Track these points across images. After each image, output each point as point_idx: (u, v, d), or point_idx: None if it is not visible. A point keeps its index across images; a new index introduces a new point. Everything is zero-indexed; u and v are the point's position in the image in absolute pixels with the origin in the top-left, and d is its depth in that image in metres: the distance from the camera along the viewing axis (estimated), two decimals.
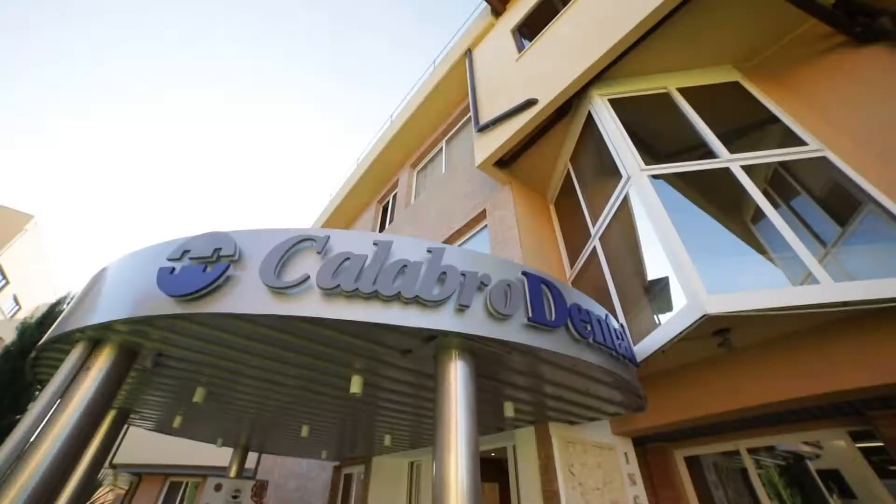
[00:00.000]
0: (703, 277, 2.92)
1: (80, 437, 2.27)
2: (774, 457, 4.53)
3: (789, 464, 4.42)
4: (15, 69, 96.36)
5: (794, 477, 4.30)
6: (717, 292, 2.84)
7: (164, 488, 12.39)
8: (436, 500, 1.84)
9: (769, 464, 4.55)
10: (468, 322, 2.06)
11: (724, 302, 2.78)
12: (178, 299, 2.04)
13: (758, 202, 3.35)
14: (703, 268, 3.00)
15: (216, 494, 5.29)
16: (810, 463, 4.29)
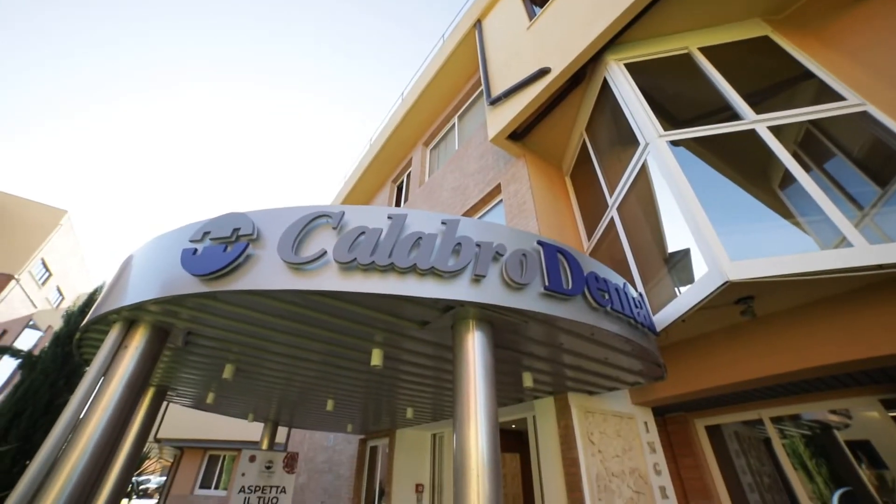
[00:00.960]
0: (726, 245, 2.83)
1: (124, 410, 2.42)
2: (799, 426, 4.47)
3: (815, 434, 4.35)
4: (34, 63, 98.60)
5: (821, 447, 4.23)
6: (739, 259, 2.76)
7: (203, 461, 13.39)
8: (457, 469, 1.90)
9: (794, 433, 4.49)
10: (484, 292, 2.07)
11: (747, 268, 2.70)
12: (202, 278, 2.11)
13: (787, 165, 3.19)
14: (725, 235, 2.91)
15: (251, 465, 5.60)
16: (838, 433, 4.22)
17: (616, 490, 3.65)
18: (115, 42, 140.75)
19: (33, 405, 6.55)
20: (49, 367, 7.31)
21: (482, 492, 1.82)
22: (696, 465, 5.01)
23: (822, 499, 4.02)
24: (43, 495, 2.03)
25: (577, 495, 3.38)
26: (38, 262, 21.62)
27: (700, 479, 4.93)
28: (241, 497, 5.40)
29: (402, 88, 10.66)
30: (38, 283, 22.12)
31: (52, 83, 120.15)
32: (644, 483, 4.00)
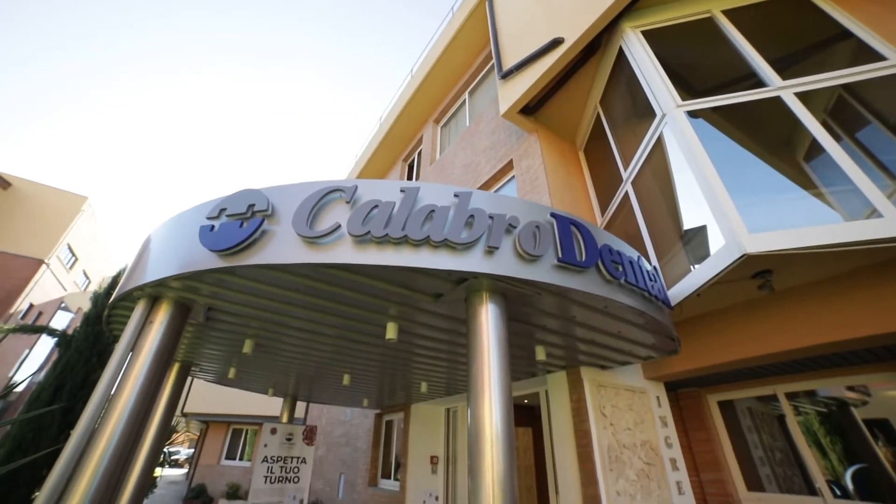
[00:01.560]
0: (744, 217, 2.75)
1: (152, 382, 2.53)
2: (815, 403, 4.44)
3: (831, 411, 4.33)
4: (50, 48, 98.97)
5: (836, 425, 4.20)
6: (758, 231, 2.69)
7: (228, 434, 14.09)
8: (471, 441, 1.95)
9: (809, 410, 4.46)
10: (497, 263, 2.08)
11: (767, 241, 2.63)
12: (220, 254, 2.16)
13: (814, 135, 3.03)
14: (744, 207, 2.83)
15: (272, 437, 5.85)
16: (856, 410, 4.18)
17: (627, 461, 3.71)
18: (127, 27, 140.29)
19: (71, 380, 7.01)
20: (82, 345, 7.77)
21: (496, 464, 1.87)
22: (707, 439, 5.05)
23: (834, 475, 4.02)
24: (86, 461, 2.17)
25: (588, 466, 3.45)
26: (65, 248, 22.37)
27: (711, 453, 4.98)
28: (265, 466, 5.66)
29: (411, 65, 10.41)
30: (66, 268, 22.96)
31: (63, 69, 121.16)
32: (655, 455, 4.05)
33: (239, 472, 12.99)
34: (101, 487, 2.15)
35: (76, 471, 2.15)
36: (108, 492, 2.19)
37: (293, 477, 5.78)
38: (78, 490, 2.09)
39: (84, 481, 2.12)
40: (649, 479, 3.82)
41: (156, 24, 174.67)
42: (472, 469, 1.90)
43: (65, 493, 2.09)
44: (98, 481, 2.14)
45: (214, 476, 13.16)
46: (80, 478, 2.12)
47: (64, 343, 8.18)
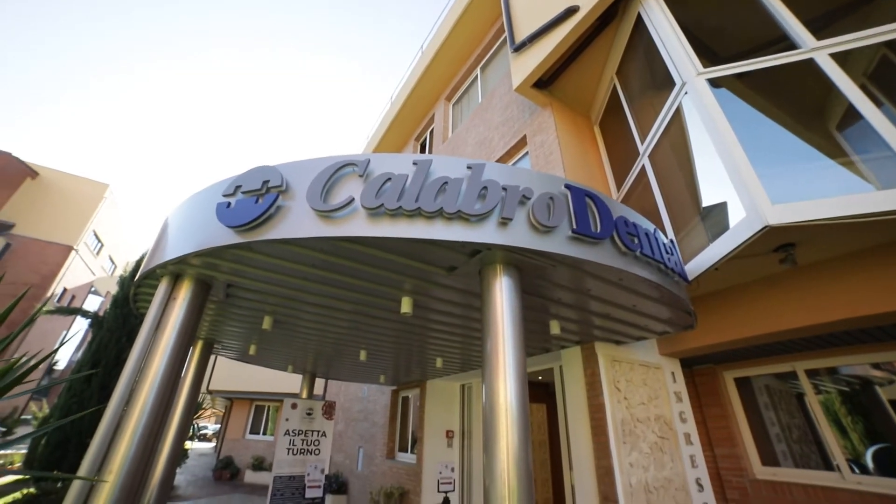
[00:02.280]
0: (767, 188, 2.65)
1: (177, 358, 2.63)
2: (837, 381, 4.35)
3: (854, 390, 4.24)
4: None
5: (859, 404, 4.11)
6: (781, 202, 2.59)
7: (251, 410, 14.75)
8: (487, 411, 1.98)
9: (830, 389, 4.38)
10: (511, 235, 2.07)
11: (790, 212, 2.54)
12: (237, 230, 2.20)
13: (851, 100, 2.84)
14: (767, 178, 2.72)
15: (293, 412, 6.07)
16: (881, 389, 4.09)
17: (641, 435, 3.74)
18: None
19: (105, 357, 7.48)
20: (112, 325, 8.26)
21: (511, 439, 1.89)
22: (722, 415, 5.03)
23: (854, 454, 3.97)
24: (122, 430, 2.29)
25: (602, 439, 3.49)
26: (91, 234, 23.17)
27: (726, 429, 4.97)
28: (287, 439, 5.90)
29: (421, 42, 10.14)
30: (93, 253, 23.84)
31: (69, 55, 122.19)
32: (669, 429, 4.07)
33: (263, 445, 13.60)
34: (137, 455, 2.28)
35: (114, 439, 2.27)
36: (143, 458, 2.32)
37: (314, 449, 6.01)
38: (117, 457, 2.22)
39: (122, 449, 2.25)
40: (662, 452, 3.85)
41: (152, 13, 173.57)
42: (488, 445, 1.93)
43: (106, 459, 2.22)
44: (134, 449, 2.27)
45: (240, 449, 13.82)
46: (118, 446, 2.25)
47: (96, 324, 8.69)
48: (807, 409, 4.48)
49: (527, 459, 1.91)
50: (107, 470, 2.22)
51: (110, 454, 2.24)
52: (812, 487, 4.09)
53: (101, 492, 2.13)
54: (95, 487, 2.15)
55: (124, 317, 8.59)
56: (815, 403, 4.33)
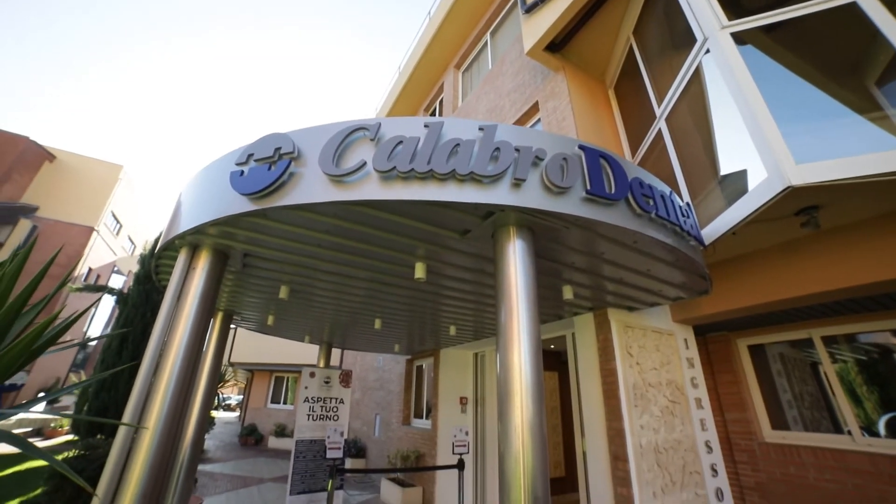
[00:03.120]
0: (791, 147, 2.55)
1: (200, 326, 2.72)
2: (855, 349, 4.31)
3: (871, 358, 4.20)
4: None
5: (877, 374, 4.07)
6: (806, 162, 2.50)
7: (271, 381, 15.39)
8: (501, 380, 2.02)
9: (847, 357, 4.35)
10: (525, 196, 2.05)
11: (815, 171, 2.44)
12: (251, 197, 2.22)
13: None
14: (791, 137, 2.61)
15: (311, 380, 6.30)
16: None
17: (652, 399, 3.79)
18: None
19: (133, 332, 7.87)
20: (137, 301, 8.67)
21: (525, 407, 1.92)
22: (734, 381, 5.06)
23: (867, 421, 3.97)
24: (151, 402, 2.42)
25: (613, 402, 3.56)
26: (110, 215, 23.69)
27: (738, 394, 5.00)
28: (307, 406, 6.15)
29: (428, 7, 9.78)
30: (113, 234, 24.47)
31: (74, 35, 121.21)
32: (680, 394, 4.12)
33: (283, 414, 14.22)
34: (168, 419, 2.40)
35: (146, 406, 2.40)
36: (175, 415, 2.44)
37: (333, 415, 6.27)
38: (150, 421, 2.35)
39: (154, 415, 2.37)
40: (673, 415, 3.91)
41: None
42: (502, 413, 1.95)
43: (143, 413, 2.35)
44: (165, 414, 2.39)
45: (262, 417, 14.49)
46: (152, 405, 2.39)
47: (122, 301, 9.09)
48: (820, 377, 4.47)
49: (542, 429, 1.92)
50: (144, 422, 2.36)
51: (147, 409, 2.37)
52: (821, 450, 4.13)
53: (143, 442, 2.28)
54: (136, 440, 2.30)
55: (147, 293, 8.97)
56: (830, 371, 4.31)
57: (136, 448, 2.30)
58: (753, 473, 4.66)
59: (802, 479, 4.23)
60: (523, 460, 1.84)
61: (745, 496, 4.66)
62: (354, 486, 7.70)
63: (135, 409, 2.41)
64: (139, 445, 2.30)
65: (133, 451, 2.30)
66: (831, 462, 4.02)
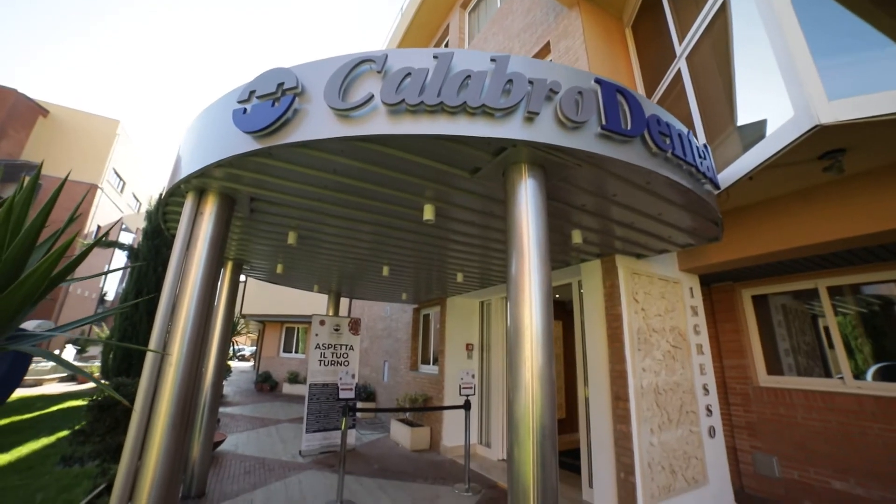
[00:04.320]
0: (825, 81, 2.39)
1: (211, 270, 2.75)
2: (858, 301, 4.35)
3: (872, 310, 4.25)
4: None
5: (875, 327, 4.15)
6: (838, 98, 2.35)
7: (282, 332, 16.00)
8: (511, 331, 2.04)
9: (848, 309, 4.40)
10: (538, 131, 1.98)
11: (848, 108, 2.29)
12: (255, 135, 2.17)
13: None
14: (825, 71, 2.44)
15: (322, 328, 6.51)
16: None
17: (655, 343, 3.89)
18: None
19: (146, 286, 8.18)
20: (147, 256, 8.85)
21: (535, 358, 1.95)
22: (735, 330, 5.18)
23: (858, 371, 4.11)
24: (170, 348, 2.50)
25: (617, 346, 3.66)
26: (112, 172, 23.47)
27: (737, 342, 5.14)
28: (318, 352, 6.41)
29: None
30: (116, 191, 24.40)
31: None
32: (682, 340, 4.21)
33: (295, 362, 14.89)
34: (187, 365, 2.50)
35: (166, 350, 2.49)
36: (193, 368, 2.54)
37: (343, 361, 6.54)
38: (170, 367, 2.45)
39: (173, 361, 2.47)
40: (674, 359, 4.04)
41: None
42: (512, 363, 1.99)
43: (161, 373, 2.45)
44: (183, 360, 2.49)
45: (276, 366, 15.20)
46: (169, 358, 2.47)
47: (133, 256, 9.30)
48: (818, 328, 4.59)
49: (551, 379, 1.96)
50: (167, 361, 2.47)
51: (164, 370, 2.45)
52: (812, 392, 4.33)
53: (168, 373, 2.41)
54: (162, 371, 2.42)
55: (156, 248, 9.16)
56: (831, 321, 4.40)
57: (163, 378, 2.42)
58: (745, 414, 4.90)
59: (790, 418, 4.47)
60: (532, 407, 1.91)
61: (734, 434, 4.93)
62: (365, 427, 8.20)
63: (158, 339, 2.49)
64: (165, 375, 2.43)
65: (160, 380, 2.42)
66: (820, 403, 4.23)
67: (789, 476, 4.40)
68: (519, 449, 1.90)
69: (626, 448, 3.40)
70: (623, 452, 3.43)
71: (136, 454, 2.29)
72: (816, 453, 4.21)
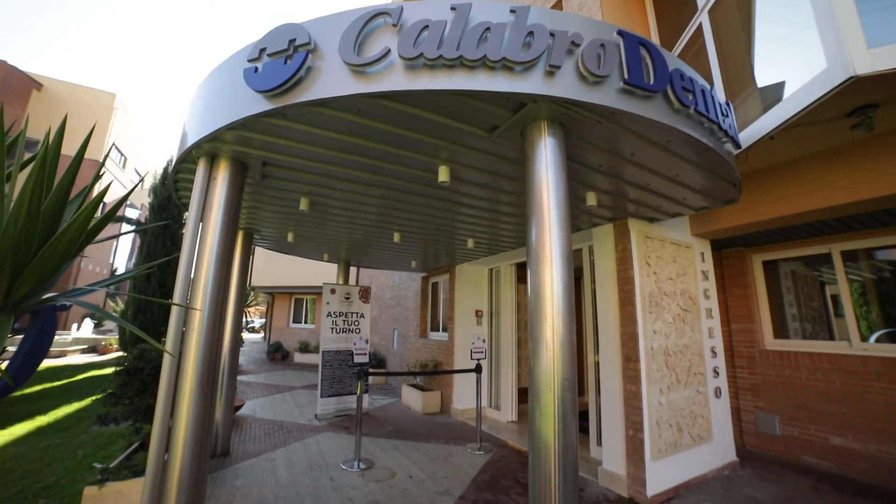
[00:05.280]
0: (865, 28, 2.26)
1: (227, 234, 2.75)
2: (870, 267, 4.35)
3: (882, 276, 4.26)
4: None
5: (884, 293, 4.21)
6: (879, 46, 2.23)
7: (291, 303, 16.28)
8: (532, 300, 2.08)
9: (859, 276, 4.41)
10: (559, 86, 1.93)
11: (891, 56, 2.18)
12: (267, 95, 2.11)
13: None
14: (865, 17, 2.31)
15: (333, 296, 6.62)
16: None
17: (666, 307, 3.93)
18: None
19: (156, 259, 8.31)
20: (157, 231, 8.96)
21: (556, 327, 1.97)
22: (744, 295, 5.23)
23: (863, 335, 4.22)
24: (194, 298, 2.55)
25: (629, 309, 3.70)
26: (113, 148, 23.22)
27: (746, 307, 5.20)
28: (330, 320, 6.54)
29: None
30: (119, 167, 24.23)
31: None
32: (693, 304, 4.25)
33: (305, 332, 15.24)
34: (210, 325, 2.56)
35: (188, 317, 2.54)
36: (215, 328, 2.60)
37: (355, 329, 6.68)
38: (194, 330, 2.51)
39: (196, 324, 2.52)
40: (684, 323, 4.09)
41: None
42: (533, 333, 2.02)
43: (185, 336, 2.51)
44: (206, 320, 2.55)
45: (286, 336, 15.57)
46: (192, 322, 2.53)
47: (142, 231, 9.41)
48: (825, 293, 4.68)
49: (571, 348, 1.99)
50: (190, 325, 2.54)
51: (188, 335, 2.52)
52: (818, 355, 4.43)
53: (191, 338, 2.49)
54: (186, 339, 2.49)
55: (164, 224, 9.23)
56: (843, 284, 4.43)
57: (188, 340, 2.50)
58: (750, 376, 5.03)
59: (795, 379, 4.58)
60: (553, 370, 1.95)
61: (739, 395, 5.07)
62: (377, 392, 8.47)
63: (180, 300, 2.54)
64: (189, 338, 2.50)
65: (185, 342, 2.50)
66: (825, 365, 4.34)
67: (790, 434, 4.56)
68: (540, 411, 1.96)
69: (636, 407, 3.51)
70: (632, 411, 3.54)
71: (167, 413, 2.40)
72: (818, 412, 4.34)
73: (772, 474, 4.05)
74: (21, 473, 3.66)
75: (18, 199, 0.99)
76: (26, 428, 5.08)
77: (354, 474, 3.95)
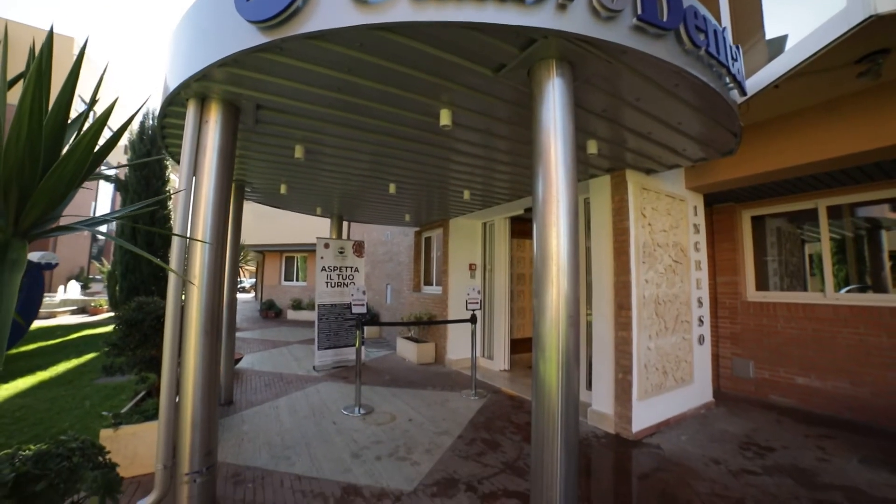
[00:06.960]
0: None
1: (223, 188, 2.66)
2: (852, 224, 4.50)
3: (858, 234, 4.42)
4: None
5: (858, 250, 4.47)
6: None
7: (282, 261, 16.26)
8: (537, 259, 2.07)
9: (840, 234, 4.58)
10: (570, 20, 1.84)
11: None
12: (262, 26, 1.97)
13: None
14: None
15: (326, 251, 6.61)
16: (886, 234, 4.29)
17: (658, 258, 4.04)
18: None
19: (141, 218, 8.14)
20: (138, 188, 8.68)
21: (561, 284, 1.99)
22: (732, 249, 5.40)
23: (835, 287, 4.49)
24: (192, 259, 2.51)
25: (623, 258, 3.79)
26: (77, 99, 21.70)
27: (732, 261, 5.39)
28: (324, 274, 6.57)
29: None
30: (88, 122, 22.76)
31: None
32: (683, 255, 4.37)
33: (297, 290, 15.33)
34: (211, 270, 2.54)
35: (188, 261, 2.51)
36: (217, 273, 2.59)
37: (349, 282, 6.74)
38: (195, 277, 2.50)
39: (197, 271, 2.51)
40: (675, 273, 4.22)
41: None
42: (538, 290, 2.04)
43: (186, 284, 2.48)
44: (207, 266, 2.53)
45: (278, 294, 15.65)
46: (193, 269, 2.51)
47: (122, 188, 9.03)
48: (804, 249, 4.95)
49: (575, 303, 2.02)
50: (190, 275, 2.52)
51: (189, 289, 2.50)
52: (794, 305, 4.71)
53: (194, 280, 2.51)
54: (188, 286, 2.48)
55: (146, 179, 8.90)
56: (825, 238, 4.61)
57: (190, 287, 2.49)
58: (731, 325, 5.31)
59: (771, 328, 4.88)
60: (559, 323, 1.99)
61: (719, 342, 5.37)
62: (371, 345, 8.71)
63: (178, 251, 2.50)
64: (191, 286, 2.49)
65: (188, 290, 2.50)
66: (800, 314, 4.62)
67: (761, 376, 4.91)
68: (545, 363, 2.02)
69: (626, 352, 3.70)
70: (622, 356, 3.73)
71: (174, 359, 2.42)
72: (788, 356, 4.67)
73: (742, 411, 4.40)
74: (34, 421, 3.76)
75: (17, 116, 0.94)
76: (29, 382, 5.14)
77: (356, 418, 4.15)
